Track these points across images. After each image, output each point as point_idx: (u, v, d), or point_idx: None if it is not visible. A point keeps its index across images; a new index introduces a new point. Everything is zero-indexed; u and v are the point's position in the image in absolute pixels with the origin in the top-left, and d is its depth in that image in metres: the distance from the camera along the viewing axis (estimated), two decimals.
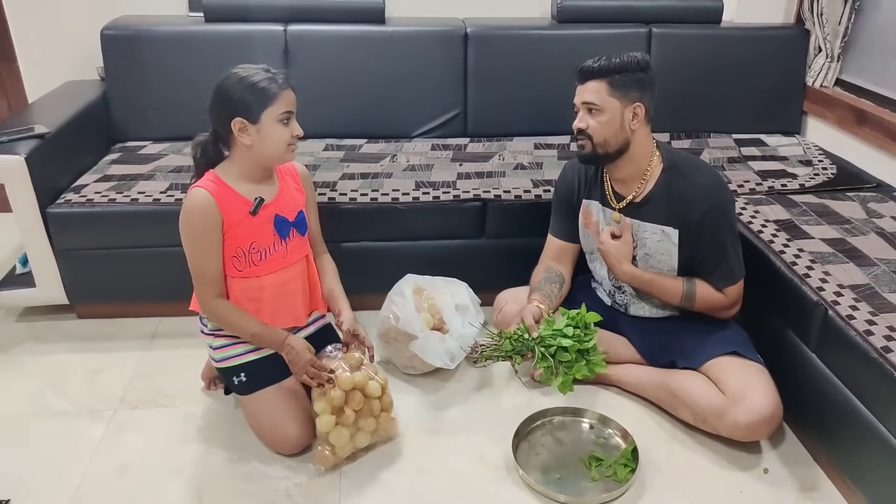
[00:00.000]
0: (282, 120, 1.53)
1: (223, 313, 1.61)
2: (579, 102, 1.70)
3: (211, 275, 1.58)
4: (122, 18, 2.56)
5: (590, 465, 1.65)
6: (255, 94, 1.49)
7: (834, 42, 2.58)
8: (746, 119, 2.72)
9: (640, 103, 1.67)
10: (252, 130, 1.52)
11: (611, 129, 1.67)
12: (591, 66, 1.66)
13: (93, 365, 2.01)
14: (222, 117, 1.52)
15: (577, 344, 1.62)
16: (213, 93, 1.54)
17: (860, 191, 2.20)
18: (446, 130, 2.63)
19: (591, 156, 1.72)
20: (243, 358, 1.68)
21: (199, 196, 1.54)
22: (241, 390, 1.69)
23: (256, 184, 1.62)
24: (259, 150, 1.55)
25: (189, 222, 1.56)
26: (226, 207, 1.56)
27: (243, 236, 1.59)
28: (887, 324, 1.49)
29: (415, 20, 2.68)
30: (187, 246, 1.58)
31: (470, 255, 2.21)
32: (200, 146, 1.61)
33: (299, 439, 1.67)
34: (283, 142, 1.55)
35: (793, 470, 1.66)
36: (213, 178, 1.58)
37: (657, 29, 2.65)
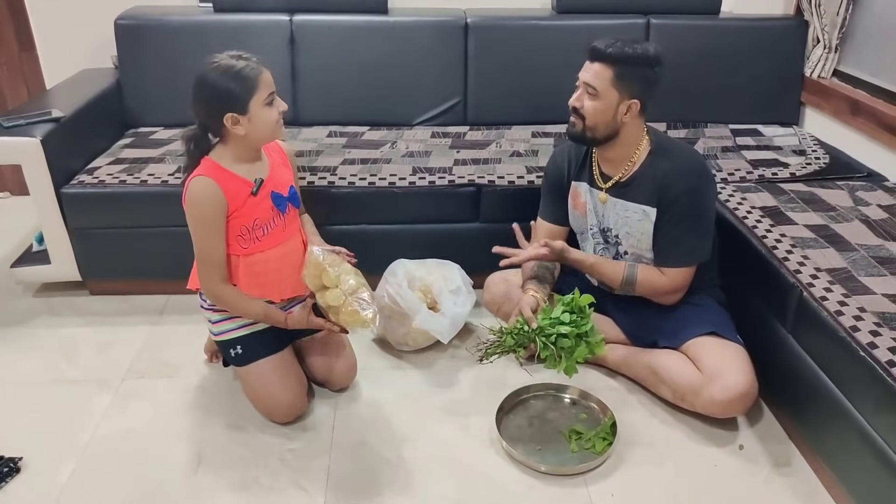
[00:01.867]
0: (266, 102, 1.59)
1: (227, 297, 1.69)
2: (581, 79, 1.73)
3: (216, 258, 1.66)
4: (135, 9, 2.66)
5: (570, 437, 1.72)
6: (239, 86, 1.54)
7: (832, 33, 2.60)
8: (744, 109, 2.75)
9: (638, 100, 1.70)
10: (244, 121, 1.58)
11: (603, 116, 1.72)
12: (604, 49, 1.68)
13: (103, 338, 2.12)
14: (212, 114, 1.58)
15: (576, 329, 1.68)
16: (195, 89, 1.58)
17: (850, 180, 2.23)
18: (447, 118, 2.70)
19: (580, 136, 1.77)
20: (239, 332, 1.76)
21: (204, 184, 1.61)
22: (237, 362, 1.78)
23: (251, 164, 1.69)
24: (253, 136, 1.62)
25: (196, 210, 1.62)
26: (229, 192, 1.62)
27: (246, 216, 1.66)
28: (858, 305, 1.54)
29: (417, 10, 2.75)
30: (195, 232, 1.65)
31: (465, 238, 2.28)
32: (192, 139, 1.66)
33: (292, 406, 1.76)
34: (273, 122, 1.62)
35: (767, 446, 1.72)
36: (212, 165, 1.64)
37: (656, 20, 2.69)
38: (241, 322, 1.76)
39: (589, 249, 1.98)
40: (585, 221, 1.94)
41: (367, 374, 1.96)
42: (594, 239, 1.94)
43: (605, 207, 1.87)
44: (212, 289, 1.69)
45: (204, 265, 1.67)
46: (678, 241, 1.76)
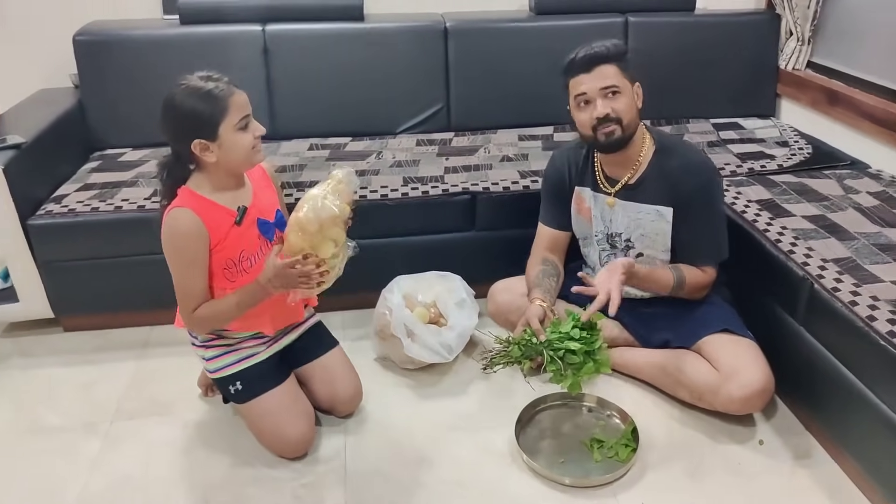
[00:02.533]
0: (239, 127, 1.47)
1: (204, 315, 1.56)
2: (595, 89, 1.67)
3: (198, 292, 1.54)
4: (94, 23, 2.53)
5: (592, 447, 1.68)
6: (207, 109, 1.43)
7: (804, 26, 2.64)
8: (722, 103, 2.77)
9: (639, 83, 1.72)
10: (214, 147, 1.46)
11: (633, 109, 1.71)
12: (598, 52, 1.67)
13: (84, 378, 1.99)
14: (180, 140, 1.48)
15: (585, 346, 1.64)
16: (162, 114, 1.48)
17: (836, 169, 2.26)
18: (430, 125, 2.64)
19: (620, 140, 1.71)
20: (237, 367, 1.66)
21: (184, 216, 1.49)
22: (238, 399, 1.68)
23: (233, 191, 1.57)
24: (226, 163, 1.50)
25: (177, 244, 1.51)
26: (211, 223, 1.51)
27: (232, 247, 1.56)
28: (871, 294, 1.54)
29: (394, 16, 2.69)
30: (174, 266, 1.53)
31: (461, 248, 2.22)
32: (166, 168, 1.55)
33: (302, 442, 1.66)
34: (247, 147, 1.50)
35: (786, 439, 1.71)
36: (189, 195, 1.52)
37: (633, 18, 2.69)
38: (237, 356, 1.66)
39: (593, 255, 1.95)
40: (590, 227, 1.90)
41: (374, 397, 1.88)
42: (599, 245, 1.91)
43: (613, 212, 1.83)
44: (190, 318, 1.57)
45: (183, 299, 1.55)
46: (708, 236, 1.76)
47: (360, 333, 2.07)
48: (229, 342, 1.66)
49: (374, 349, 2.04)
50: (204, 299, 1.56)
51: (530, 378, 1.80)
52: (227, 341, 1.66)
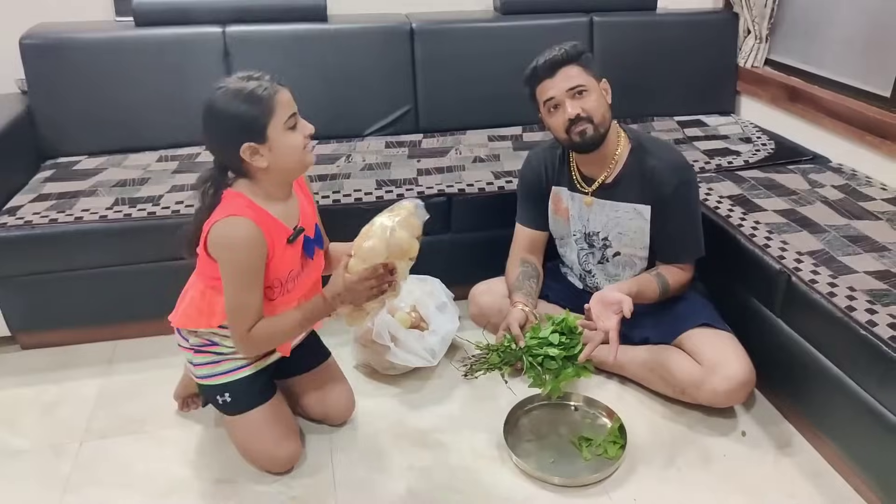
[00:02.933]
0: (288, 126, 1.38)
1: (262, 334, 1.46)
2: (561, 91, 1.68)
3: (255, 307, 1.43)
4: (41, 26, 2.40)
5: (580, 445, 1.68)
6: (252, 110, 1.33)
7: (761, 24, 2.71)
8: (684, 101, 2.83)
9: (605, 80, 1.73)
10: (264, 150, 1.37)
11: (602, 105, 1.71)
12: (558, 56, 1.67)
13: (47, 397, 1.88)
14: (227, 147, 1.37)
15: (564, 351, 1.63)
16: (205, 123, 1.38)
17: (799, 163, 2.33)
18: (398, 127, 2.61)
19: (594, 138, 1.71)
20: (228, 377, 1.58)
21: (246, 226, 1.38)
22: (226, 410, 1.61)
23: (283, 202, 1.47)
24: (278, 167, 1.40)
25: (236, 255, 1.39)
26: (270, 237, 1.41)
27: (282, 266, 1.46)
28: (847, 284, 1.58)
29: (358, 17, 2.65)
30: (232, 281, 1.41)
31: (438, 250, 2.18)
32: (210, 181, 1.42)
33: (289, 460, 1.61)
34: (299, 147, 1.40)
35: (767, 429, 1.74)
36: (248, 204, 1.41)
37: (598, 17, 2.71)
38: (230, 366, 1.59)
39: (571, 255, 1.95)
40: (568, 227, 1.90)
41: (358, 405, 1.83)
42: (577, 245, 1.91)
43: (590, 211, 1.84)
44: (244, 338, 1.45)
45: (238, 316, 1.44)
46: (688, 234, 1.77)
47: (340, 341, 2.02)
48: (223, 351, 1.58)
49: (354, 356, 2.00)
50: (260, 315, 1.45)
51: (511, 382, 1.79)
52: (220, 349, 1.58)
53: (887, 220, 1.87)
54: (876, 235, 1.78)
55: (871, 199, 2.00)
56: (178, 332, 1.60)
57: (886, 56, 2.23)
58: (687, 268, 1.81)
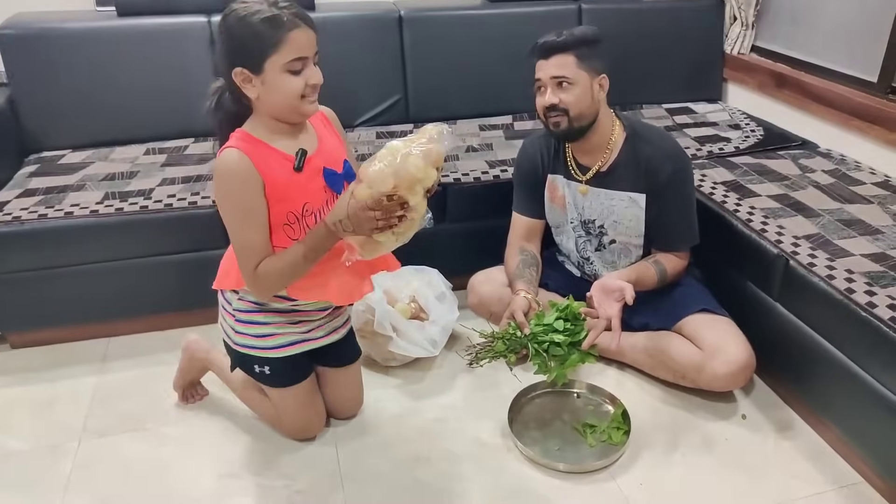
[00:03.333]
0: (290, 70, 1.29)
1: (268, 271, 1.37)
2: (546, 78, 1.69)
3: (258, 244, 1.36)
4: (18, 16, 2.33)
5: (584, 432, 1.69)
6: (254, 40, 1.26)
7: (747, 11, 2.73)
8: (672, 89, 2.83)
9: (605, 75, 1.71)
10: (256, 82, 1.30)
11: (584, 101, 1.69)
12: (556, 41, 1.67)
13: (41, 396, 1.85)
14: (224, 65, 1.31)
15: (569, 337, 1.64)
16: (217, 36, 1.33)
17: (789, 149, 2.36)
18: (389, 117, 2.59)
19: (567, 130, 1.73)
20: (268, 353, 1.54)
21: (231, 157, 1.32)
22: (263, 381, 1.60)
23: (291, 136, 1.39)
24: (268, 105, 1.33)
25: (226, 189, 1.34)
26: (264, 166, 1.33)
27: (294, 198, 1.38)
28: (845, 267, 1.61)
29: (345, 5, 2.61)
30: (226, 215, 1.36)
31: (434, 241, 2.16)
32: (216, 95, 1.39)
33: (312, 435, 1.70)
34: (294, 94, 1.30)
35: (767, 413, 1.77)
36: (243, 136, 1.36)
37: (586, 5, 2.70)
38: (272, 342, 1.53)
39: (568, 243, 1.96)
40: (565, 215, 1.91)
41: None
42: (575, 232, 1.92)
43: (585, 199, 1.85)
44: (252, 277, 1.38)
45: (242, 255, 1.37)
46: (683, 222, 1.79)
47: None
48: (268, 320, 1.53)
49: None
50: (267, 252, 1.37)
51: (516, 370, 1.79)
52: (267, 318, 1.52)
53: (878, 203, 1.90)
54: (869, 219, 1.81)
55: (862, 183, 2.03)
56: (222, 294, 1.56)
57: (873, 41, 2.26)
58: (683, 255, 1.83)
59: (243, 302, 1.52)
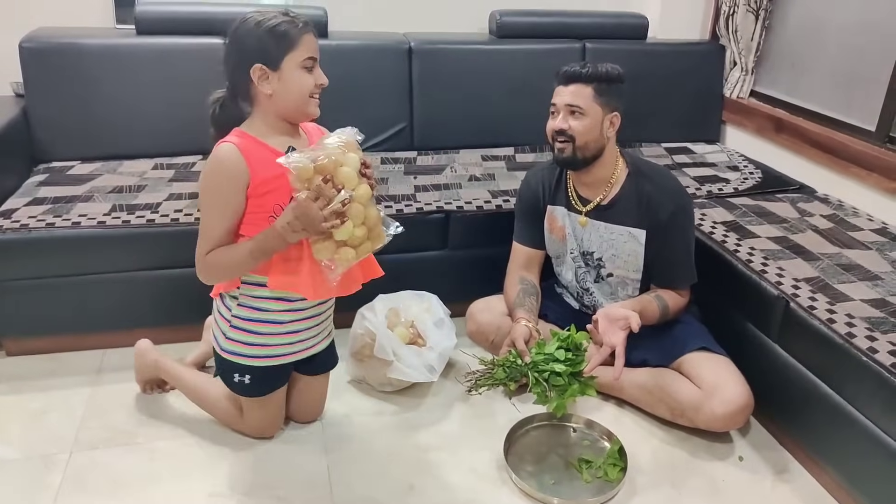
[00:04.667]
0: (305, 66, 1.42)
1: (214, 260, 1.45)
2: (561, 104, 1.74)
3: (217, 234, 1.45)
4: (41, 30, 2.37)
5: (580, 467, 1.68)
6: (274, 39, 1.39)
7: (748, 57, 2.80)
8: (671, 128, 2.90)
9: (618, 113, 1.75)
10: (273, 78, 1.41)
11: (592, 134, 1.73)
12: (580, 71, 1.72)
13: (35, 405, 1.83)
14: (240, 67, 1.41)
15: (570, 368, 1.65)
16: (228, 42, 1.43)
17: (787, 192, 2.39)
18: (394, 143, 2.62)
19: (570, 159, 1.76)
20: (253, 361, 1.59)
21: (225, 150, 1.42)
22: (239, 390, 1.63)
23: (287, 137, 1.49)
24: (281, 100, 1.43)
25: (211, 180, 1.44)
26: (255, 163, 1.42)
27: (283, 191, 1.42)
28: (845, 311, 1.62)
29: (357, 34, 2.66)
30: (203, 202, 1.47)
31: (434, 267, 2.20)
32: (219, 103, 1.48)
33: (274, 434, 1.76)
34: (307, 90, 1.43)
35: (763, 455, 1.77)
36: (240, 133, 1.45)
37: (590, 44, 2.77)
38: (259, 351, 1.58)
39: (568, 274, 1.97)
40: (564, 246, 1.93)
41: (354, 422, 1.83)
42: (575, 263, 1.93)
43: (584, 231, 1.87)
44: (200, 265, 1.47)
45: (201, 240, 1.46)
46: (684, 258, 1.81)
47: None
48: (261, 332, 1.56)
49: (350, 371, 1.98)
50: (222, 245, 1.46)
51: (515, 399, 1.79)
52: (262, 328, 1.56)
53: (877, 249, 1.92)
54: (868, 264, 1.83)
55: (860, 229, 2.06)
56: (221, 301, 1.59)
57: (871, 90, 2.31)
58: (683, 293, 1.85)
59: (244, 309, 1.55)
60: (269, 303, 1.55)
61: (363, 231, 1.43)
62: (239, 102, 1.48)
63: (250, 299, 1.54)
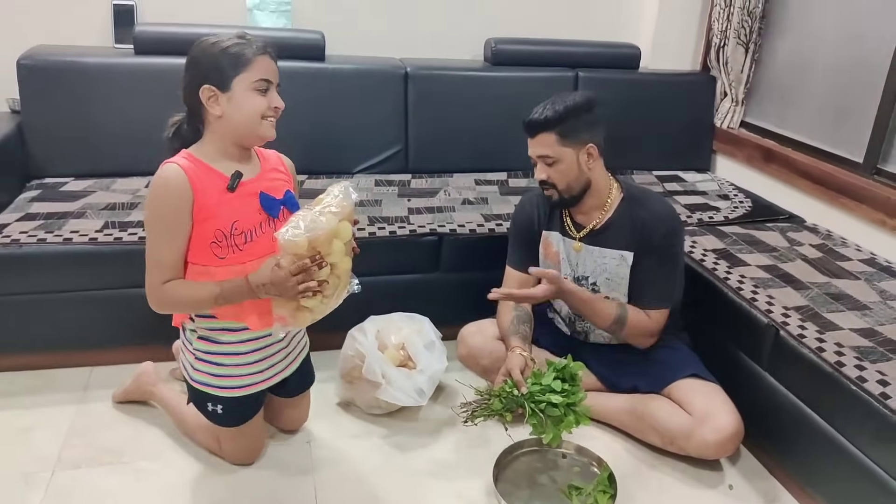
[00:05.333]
0: (257, 88, 1.40)
1: (174, 294, 1.43)
2: (534, 156, 1.76)
3: (167, 261, 1.42)
4: (40, 48, 2.39)
5: (570, 493, 1.67)
6: (226, 59, 1.38)
7: (738, 88, 2.85)
8: (663, 156, 2.93)
9: (592, 143, 1.75)
10: (223, 99, 1.39)
11: (571, 175, 1.75)
12: (538, 119, 1.71)
13: (19, 422, 1.80)
14: (191, 87, 1.40)
15: (566, 399, 1.64)
16: (185, 64, 1.43)
17: (776, 221, 2.42)
18: (388, 166, 2.64)
19: (560, 202, 1.80)
20: (222, 392, 1.58)
21: (169, 171, 1.39)
22: (214, 419, 1.62)
23: (236, 163, 1.47)
24: (230, 122, 1.41)
25: (155, 199, 1.41)
26: (199, 185, 1.40)
27: (223, 216, 1.43)
28: (835, 340, 1.63)
29: (354, 59, 2.69)
30: (149, 226, 1.43)
31: (426, 289, 2.20)
32: (175, 126, 1.48)
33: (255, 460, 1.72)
34: (257, 112, 1.41)
35: (753, 484, 1.76)
36: (186, 156, 1.43)
37: (583, 73, 2.81)
38: (229, 382, 1.56)
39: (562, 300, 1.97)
40: (559, 271, 1.93)
41: (342, 445, 1.81)
42: None
43: (579, 256, 1.88)
44: (156, 292, 1.43)
45: (152, 268, 1.43)
46: (660, 282, 1.80)
47: (323, 377, 1.97)
48: (225, 364, 1.56)
49: (339, 393, 1.97)
50: (175, 273, 1.43)
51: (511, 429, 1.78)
52: (225, 360, 1.55)
53: (865, 279, 1.94)
54: (856, 294, 1.85)
55: (848, 259, 2.09)
56: (182, 332, 1.58)
57: (859, 123, 2.35)
58: (652, 315, 1.80)
59: (203, 342, 1.55)
60: (224, 334, 1.54)
61: (327, 304, 1.43)
62: (196, 125, 1.47)
63: (206, 332, 1.54)
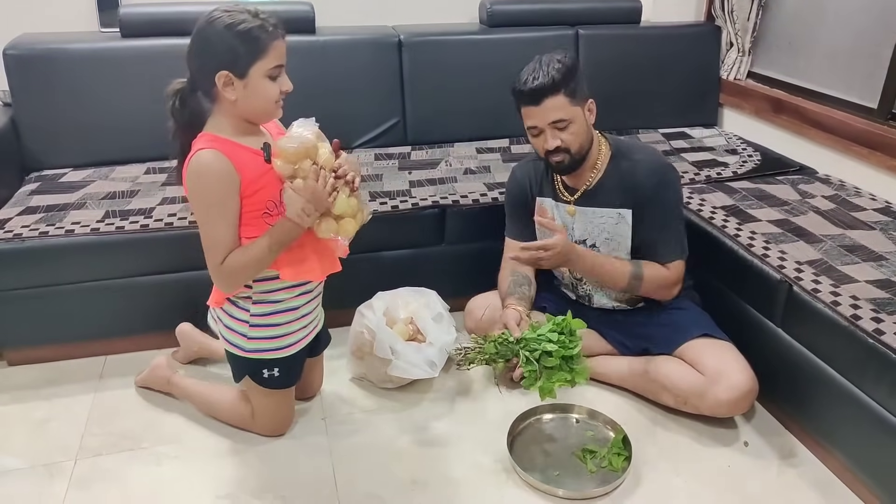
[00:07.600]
0: (271, 75, 1.40)
1: (234, 264, 1.45)
2: (543, 124, 1.68)
3: (227, 241, 1.44)
4: (25, 36, 2.35)
5: (584, 457, 1.67)
6: (244, 45, 1.35)
7: (744, 37, 2.76)
8: (668, 113, 2.86)
9: (591, 99, 1.73)
10: (238, 85, 1.38)
11: (582, 134, 1.72)
12: (545, 84, 1.64)
13: (37, 414, 1.82)
14: (206, 69, 1.38)
15: (562, 350, 1.63)
16: (195, 38, 1.39)
17: (787, 174, 2.36)
18: (387, 139, 2.60)
19: (571, 165, 1.74)
20: (279, 353, 1.61)
21: (209, 157, 1.39)
22: (270, 384, 1.64)
23: (253, 136, 1.48)
24: (244, 106, 1.42)
25: (205, 187, 1.40)
26: (240, 163, 1.41)
27: (271, 186, 1.44)
28: (850, 293, 1.60)
29: (345, 29, 2.63)
30: (201, 213, 1.44)
31: (431, 262, 2.18)
32: (178, 95, 1.45)
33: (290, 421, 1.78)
34: (272, 98, 1.42)
35: (769, 440, 1.75)
36: (213, 138, 1.42)
37: (583, 30, 2.74)
38: (283, 342, 1.61)
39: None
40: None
41: (356, 419, 1.82)
42: None
43: (574, 220, 1.85)
44: (218, 270, 1.45)
45: (210, 250, 1.45)
46: (670, 233, 1.78)
47: (334, 353, 1.98)
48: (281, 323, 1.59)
49: (350, 369, 1.97)
50: (233, 249, 1.45)
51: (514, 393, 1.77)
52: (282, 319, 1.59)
53: (881, 229, 1.90)
54: (872, 245, 1.81)
55: (863, 209, 2.04)
56: (226, 309, 1.58)
57: (873, 67, 2.28)
58: (672, 267, 1.78)
59: (261, 305, 1.57)
60: (284, 293, 1.57)
61: (354, 201, 1.50)
62: (199, 96, 1.45)
63: (265, 294, 1.56)
